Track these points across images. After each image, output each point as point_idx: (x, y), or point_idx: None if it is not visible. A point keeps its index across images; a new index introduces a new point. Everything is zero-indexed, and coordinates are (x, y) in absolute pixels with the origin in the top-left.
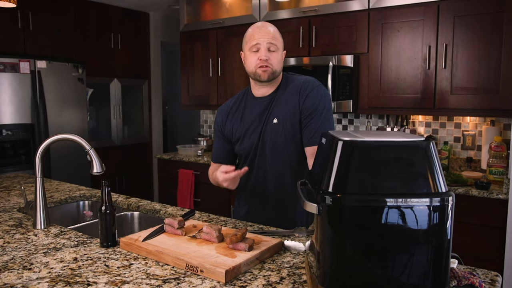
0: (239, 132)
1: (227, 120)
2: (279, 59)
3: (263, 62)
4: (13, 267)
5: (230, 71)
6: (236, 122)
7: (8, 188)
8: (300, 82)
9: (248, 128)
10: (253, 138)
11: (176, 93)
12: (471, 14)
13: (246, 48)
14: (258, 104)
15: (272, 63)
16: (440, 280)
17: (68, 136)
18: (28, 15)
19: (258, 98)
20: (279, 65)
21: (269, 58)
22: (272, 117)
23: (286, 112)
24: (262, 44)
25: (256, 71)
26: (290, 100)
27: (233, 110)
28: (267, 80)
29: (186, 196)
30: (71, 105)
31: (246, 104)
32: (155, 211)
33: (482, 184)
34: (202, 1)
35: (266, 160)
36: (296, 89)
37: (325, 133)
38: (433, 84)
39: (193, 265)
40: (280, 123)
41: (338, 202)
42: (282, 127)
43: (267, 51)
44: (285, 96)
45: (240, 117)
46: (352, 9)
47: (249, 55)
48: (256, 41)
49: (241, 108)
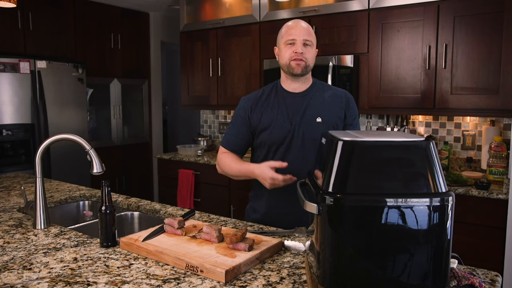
0: (269, 121)
1: (256, 107)
2: (313, 55)
3: (298, 55)
4: (13, 267)
5: (230, 71)
6: (266, 110)
7: (8, 188)
8: (342, 92)
9: (280, 118)
10: (285, 129)
11: (176, 93)
12: (471, 14)
13: (281, 42)
14: (292, 98)
15: (306, 57)
16: (440, 280)
17: (68, 136)
18: (28, 15)
19: (291, 92)
20: (312, 60)
21: (304, 52)
22: (315, 115)
23: (331, 114)
24: (298, 39)
25: (290, 64)
26: (334, 105)
27: (262, 100)
28: (300, 74)
29: (186, 196)
30: (71, 105)
31: (277, 95)
32: (155, 211)
33: (482, 184)
34: (202, 1)
35: (303, 154)
36: (341, 97)
37: (325, 133)
38: (433, 84)
39: (193, 265)
40: (324, 123)
41: (338, 202)
42: (325, 127)
43: (302, 46)
44: (327, 100)
45: (270, 107)
46: (352, 9)
47: (284, 48)
48: (293, 36)
49: (271, 98)
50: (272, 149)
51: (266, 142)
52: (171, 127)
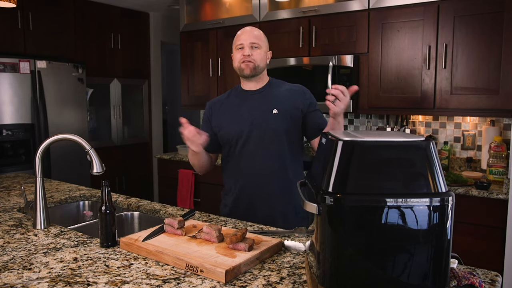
0: (228, 118)
1: (217, 109)
2: (262, 56)
3: (246, 57)
4: (13, 267)
5: (230, 71)
6: (227, 110)
7: (8, 188)
8: (298, 85)
9: (237, 114)
10: (242, 123)
11: (176, 93)
12: (471, 14)
13: (233, 48)
14: (250, 96)
15: (255, 58)
16: (440, 280)
17: (68, 136)
18: (28, 15)
19: (248, 91)
20: (261, 61)
21: (251, 54)
22: (270, 107)
23: (287, 105)
24: (245, 43)
25: (240, 66)
26: (290, 97)
27: (224, 101)
28: (250, 75)
29: (186, 196)
30: (71, 105)
31: (237, 96)
32: (155, 211)
33: (482, 184)
34: (202, 1)
35: (263, 144)
36: (296, 90)
37: (325, 133)
38: (433, 84)
39: (193, 265)
40: (280, 114)
41: (338, 202)
42: (282, 118)
43: (250, 48)
44: (283, 93)
45: (230, 106)
46: (352, 9)
47: (235, 53)
48: (241, 41)
49: (231, 99)
50: (232, 143)
51: (227, 138)
52: (171, 127)
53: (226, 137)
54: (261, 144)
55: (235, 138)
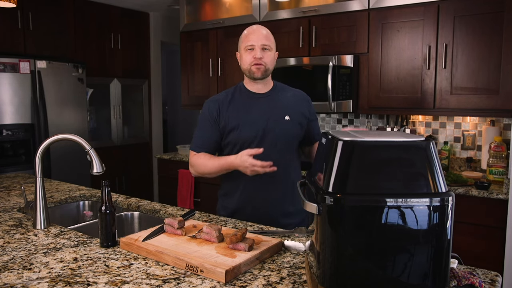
0: (237, 121)
1: (223, 108)
2: (272, 58)
3: (257, 60)
4: (13, 267)
5: (230, 71)
6: (233, 111)
7: (8, 188)
8: (300, 91)
9: (249, 118)
10: (255, 128)
11: (176, 93)
12: (471, 14)
13: (241, 48)
14: (257, 98)
15: (266, 61)
16: (440, 280)
17: (68, 136)
18: (28, 15)
19: (256, 93)
20: (271, 64)
21: (263, 57)
22: (283, 114)
23: (296, 112)
24: (256, 44)
25: (251, 69)
26: (298, 104)
27: (227, 101)
28: (260, 77)
29: (186, 196)
30: (71, 105)
31: (242, 96)
32: (155, 211)
33: (482, 184)
34: (202, 1)
35: (275, 151)
36: (302, 97)
37: (325, 133)
38: (433, 84)
39: (193, 265)
40: (291, 121)
41: (338, 202)
42: (293, 125)
43: (261, 50)
44: (291, 99)
45: (237, 107)
46: (352, 9)
47: (245, 54)
48: (252, 42)
49: (236, 99)
50: (243, 146)
51: (237, 141)
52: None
53: (236, 140)
54: (273, 149)
55: (247, 142)
